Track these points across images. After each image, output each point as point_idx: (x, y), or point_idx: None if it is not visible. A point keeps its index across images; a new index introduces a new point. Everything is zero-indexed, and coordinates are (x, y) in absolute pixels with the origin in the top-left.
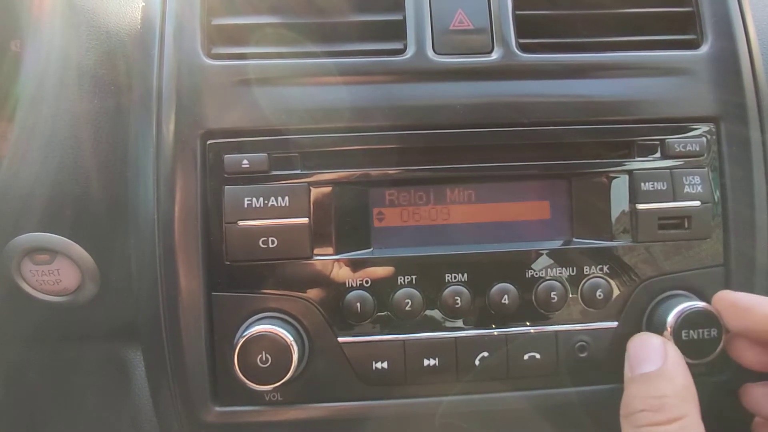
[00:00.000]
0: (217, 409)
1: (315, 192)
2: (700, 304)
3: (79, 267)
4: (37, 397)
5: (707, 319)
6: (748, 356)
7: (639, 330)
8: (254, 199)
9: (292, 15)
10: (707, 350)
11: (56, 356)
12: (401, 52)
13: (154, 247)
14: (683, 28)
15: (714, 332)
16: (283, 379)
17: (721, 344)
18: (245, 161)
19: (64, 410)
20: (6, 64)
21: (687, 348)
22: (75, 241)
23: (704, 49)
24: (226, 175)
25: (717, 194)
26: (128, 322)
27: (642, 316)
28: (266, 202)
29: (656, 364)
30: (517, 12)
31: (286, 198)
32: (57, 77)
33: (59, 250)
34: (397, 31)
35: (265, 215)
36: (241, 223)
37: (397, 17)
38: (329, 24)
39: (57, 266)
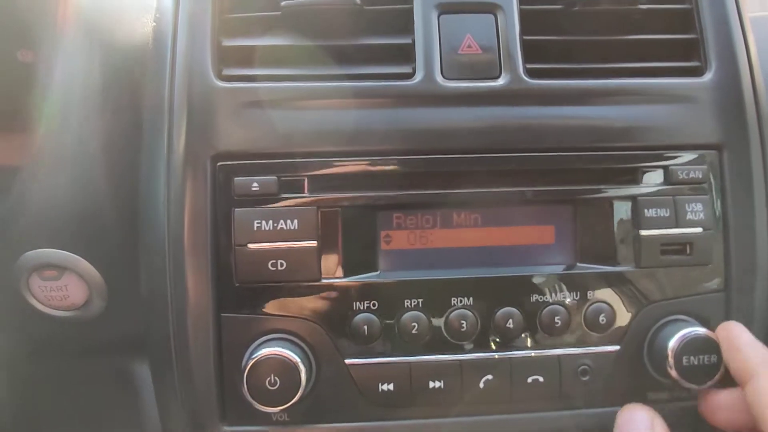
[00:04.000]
0: (226, 428)
1: (323, 215)
2: (701, 330)
3: (87, 283)
4: (43, 410)
5: (708, 345)
6: (719, 416)
7: (641, 353)
8: (264, 222)
9: (301, 37)
10: (707, 376)
11: (62, 369)
12: (410, 76)
13: (164, 267)
14: (688, 54)
15: (714, 358)
16: (291, 401)
17: (721, 370)
18: (255, 184)
19: (70, 424)
20: (14, 72)
21: (687, 373)
22: (83, 258)
23: (708, 76)
24: (235, 197)
25: (719, 221)
26: (135, 336)
27: (644, 341)
28: (275, 225)
29: None
30: (525, 37)
31: (295, 221)
32: (69, 93)
33: (67, 266)
34: (406, 54)
35: (274, 238)
36: (250, 245)
37: (406, 41)
38: (338, 47)
39: (65, 282)
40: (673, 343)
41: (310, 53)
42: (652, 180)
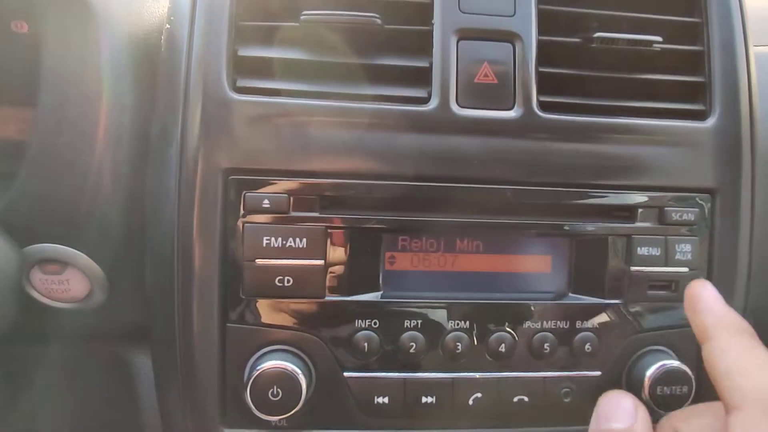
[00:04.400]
0: (226, 430)
1: (331, 234)
2: (675, 363)
3: (89, 278)
4: (40, 396)
5: (681, 377)
6: None
7: (619, 379)
8: (273, 239)
9: (318, 51)
10: (677, 404)
11: (61, 357)
12: (425, 100)
13: (172, 276)
14: (694, 96)
15: (685, 389)
16: (292, 410)
17: (690, 399)
18: (266, 201)
19: (67, 410)
20: (9, 44)
21: (659, 401)
22: (86, 254)
23: (711, 121)
24: (245, 212)
25: (704, 261)
26: (134, 326)
27: (624, 367)
28: (284, 242)
29: (625, 423)
30: (540, 69)
31: (304, 240)
32: (78, 88)
33: (69, 261)
34: (422, 77)
35: (283, 255)
36: (258, 261)
37: (424, 64)
38: (355, 65)
39: (67, 276)
40: (650, 373)
41: (326, 69)
42: (647, 219)
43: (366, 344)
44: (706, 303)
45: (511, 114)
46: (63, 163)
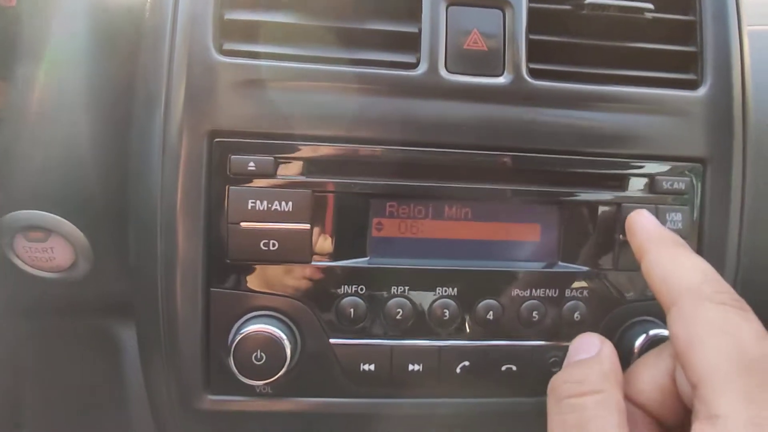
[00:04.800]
0: (210, 397)
1: (317, 198)
2: (665, 332)
3: (74, 246)
4: (25, 370)
5: None
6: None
7: None
8: (258, 202)
9: (306, 16)
10: None
11: (45, 330)
12: (413, 66)
13: (155, 240)
14: (685, 66)
15: None
16: (275, 375)
17: None
18: (251, 164)
19: (51, 384)
20: None
21: None
22: (70, 221)
23: (702, 90)
24: (231, 176)
25: (695, 231)
26: (119, 299)
27: (613, 337)
28: (270, 205)
29: (589, 353)
30: (531, 36)
31: (290, 203)
32: (59, 54)
33: (53, 228)
34: (411, 43)
35: (268, 218)
36: (243, 224)
37: (413, 29)
38: (343, 29)
39: (51, 244)
40: (639, 342)
41: (314, 33)
42: (637, 187)
43: (352, 310)
44: (641, 224)
45: (500, 80)
46: (41, 131)
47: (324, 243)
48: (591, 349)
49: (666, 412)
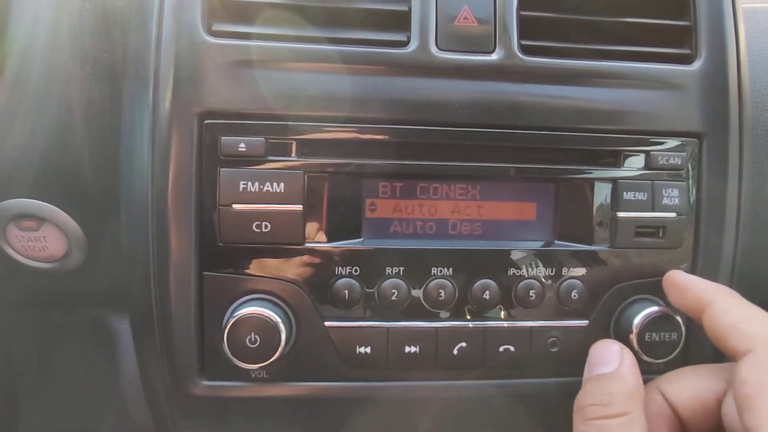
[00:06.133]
0: (204, 383)
1: (310, 179)
2: (665, 309)
3: (66, 235)
4: (20, 362)
5: (670, 323)
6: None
7: (607, 328)
8: (249, 183)
9: None
10: (667, 351)
11: (41, 321)
12: (404, 44)
13: (147, 224)
14: (679, 41)
15: (674, 336)
16: (270, 359)
17: (680, 346)
18: (242, 145)
19: (48, 375)
20: None
21: (649, 349)
22: (63, 210)
23: (697, 65)
24: (222, 157)
25: (692, 207)
26: (115, 290)
27: (611, 317)
28: (261, 187)
29: (612, 366)
30: (522, 12)
31: (282, 184)
32: (47, 37)
33: (46, 217)
34: (402, 21)
35: (260, 200)
36: (235, 206)
37: (402, 8)
38: (333, 8)
39: (43, 233)
40: (638, 321)
41: (303, 13)
42: (633, 164)
43: (347, 292)
44: (689, 280)
45: (492, 57)
46: (31, 118)
47: (317, 224)
48: (612, 362)
49: (697, 423)
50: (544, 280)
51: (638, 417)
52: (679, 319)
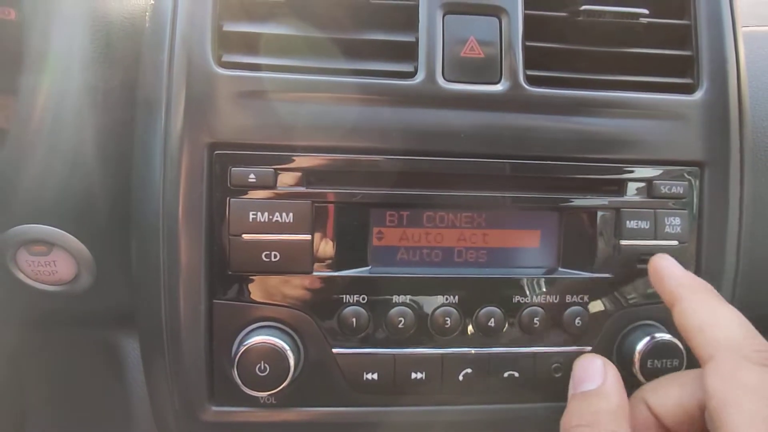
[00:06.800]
0: (214, 408)
1: (318, 209)
2: (666, 336)
3: (76, 259)
4: (29, 381)
5: (671, 350)
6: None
7: (610, 354)
8: (259, 214)
9: (304, 27)
10: None
11: (50, 341)
12: (411, 75)
13: (158, 251)
14: (682, 70)
15: (676, 362)
16: (279, 386)
17: None
18: (252, 175)
19: (56, 395)
20: None
21: (651, 375)
22: (72, 234)
23: (698, 95)
24: (231, 187)
25: (693, 235)
26: (124, 312)
27: (614, 342)
28: (271, 217)
29: (596, 383)
30: (527, 43)
31: (291, 214)
32: (56, 61)
33: (56, 242)
34: (409, 52)
35: (269, 230)
36: (245, 236)
37: (410, 39)
38: (341, 39)
39: (53, 258)
40: (640, 347)
41: (312, 44)
42: (636, 192)
43: (354, 320)
44: (669, 270)
45: (497, 88)
46: (44, 144)
47: (325, 253)
48: (596, 377)
49: (682, 430)
50: (548, 307)
51: None
52: (680, 345)
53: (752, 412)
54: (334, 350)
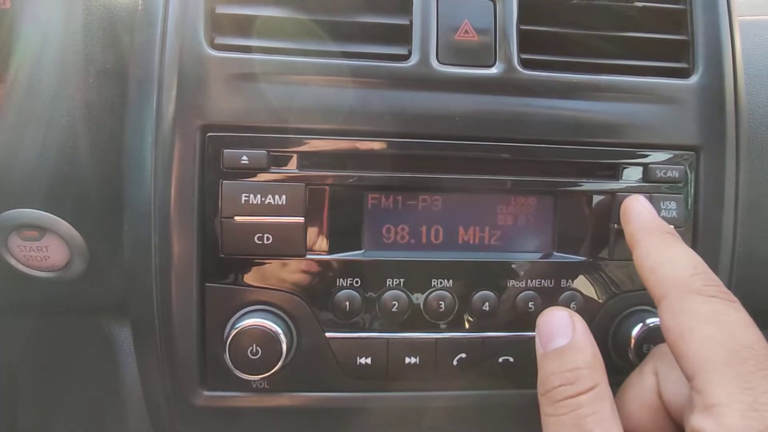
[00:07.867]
0: (206, 393)
1: (311, 192)
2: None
3: (68, 244)
4: (21, 368)
5: None
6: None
7: (605, 339)
8: (251, 196)
9: (298, 9)
10: None
11: (42, 329)
12: (405, 57)
13: (149, 235)
14: (677, 55)
15: None
16: (271, 370)
17: None
18: (244, 157)
19: (48, 382)
20: None
21: None
22: (64, 219)
23: (694, 79)
24: (224, 170)
25: (689, 219)
26: (117, 299)
27: (609, 327)
28: (263, 199)
29: (567, 337)
30: (522, 26)
31: (283, 197)
32: (46, 45)
33: (48, 227)
34: (403, 35)
35: (262, 212)
36: (237, 218)
37: (404, 22)
38: (335, 22)
39: (45, 243)
40: (636, 332)
41: (305, 27)
42: (631, 176)
43: (348, 303)
44: (636, 211)
45: (492, 71)
46: (36, 129)
47: (318, 236)
48: (565, 331)
49: (647, 426)
50: (543, 291)
51: (605, 386)
52: None
53: (707, 337)
54: (327, 334)
